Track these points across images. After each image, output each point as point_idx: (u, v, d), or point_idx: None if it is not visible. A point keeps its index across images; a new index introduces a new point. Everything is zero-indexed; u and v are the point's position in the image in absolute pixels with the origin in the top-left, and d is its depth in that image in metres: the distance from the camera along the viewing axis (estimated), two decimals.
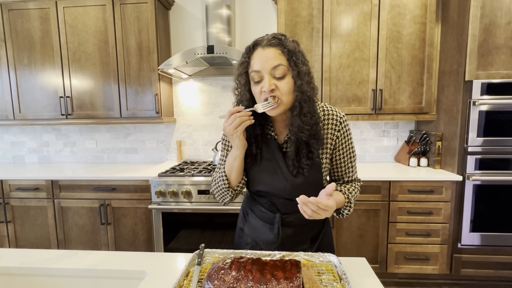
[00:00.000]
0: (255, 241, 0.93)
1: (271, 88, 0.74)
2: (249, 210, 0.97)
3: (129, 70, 2.16)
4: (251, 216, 0.96)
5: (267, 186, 0.86)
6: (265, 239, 0.90)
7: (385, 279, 2.01)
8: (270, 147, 0.86)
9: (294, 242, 0.89)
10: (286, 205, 0.86)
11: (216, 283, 0.62)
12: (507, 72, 1.76)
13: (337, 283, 0.68)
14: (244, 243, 0.97)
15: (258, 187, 0.89)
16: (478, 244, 1.87)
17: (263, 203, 0.91)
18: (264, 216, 0.91)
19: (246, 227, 0.98)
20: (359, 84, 2.07)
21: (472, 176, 1.83)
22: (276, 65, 0.73)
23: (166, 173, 1.97)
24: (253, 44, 0.77)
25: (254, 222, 0.94)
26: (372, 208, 1.91)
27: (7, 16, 2.18)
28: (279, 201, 0.87)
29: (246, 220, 0.98)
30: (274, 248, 0.89)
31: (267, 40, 0.76)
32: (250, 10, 2.38)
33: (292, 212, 0.86)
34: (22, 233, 2.11)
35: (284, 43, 0.75)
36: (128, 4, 2.09)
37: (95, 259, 0.85)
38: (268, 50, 0.74)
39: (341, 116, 0.86)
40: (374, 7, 1.99)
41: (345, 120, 0.86)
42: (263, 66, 0.74)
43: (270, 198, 0.88)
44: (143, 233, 2.03)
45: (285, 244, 0.88)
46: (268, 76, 0.74)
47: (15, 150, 2.69)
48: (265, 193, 0.88)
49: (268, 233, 0.90)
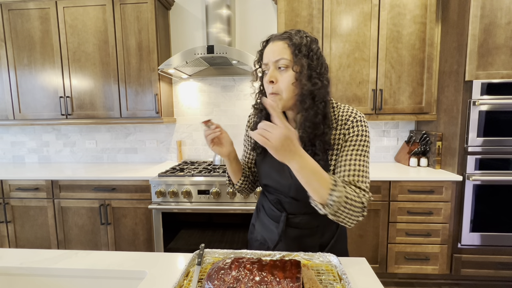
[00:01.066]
0: (264, 238, 0.94)
1: (270, 79, 0.74)
2: (261, 207, 0.99)
3: (129, 70, 2.16)
4: (262, 212, 0.97)
5: (274, 181, 0.87)
6: (272, 238, 0.91)
7: (385, 279, 2.01)
8: None
9: (300, 246, 0.86)
10: (293, 205, 0.86)
11: (216, 283, 0.62)
12: (507, 72, 1.76)
13: (337, 283, 0.68)
14: (254, 239, 0.98)
15: (266, 181, 0.89)
16: (478, 244, 1.87)
17: (272, 200, 0.92)
18: (272, 214, 0.92)
19: (257, 223, 0.99)
20: (359, 84, 2.07)
21: (472, 176, 1.83)
22: (278, 58, 0.73)
23: (166, 173, 1.97)
24: (267, 38, 0.79)
25: (264, 219, 0.95)
26: (372, 208, 1.91)
27: (7, 16, 2.18)
28: (285, 199, 0.87)
29: (258, 216, 1.00)
30: (277, 248, 0.88)
31: (279, 34, 0.77)
32: (250, 10, 2.38)
33: (299, 213, 0.86)
34: (22, 233, 2.11)
35: (292, 37, 0.74)
36: (128, 4, 2.09)
37: (95, 259, 0.85)
38: (277, 43, 0.75)
39: (354, 115, 0.78)
40: (374, 7, 1.99)
41: (358, 120, 0.77)
42: (269, 59, 0.75)
43: (277, 195, 0.89)
44: (143, 233, 2.03)
45: (290, 247, 0.87)
46: (273, 67, 0.75)
47: (15, 150, 2.69)
48: (273, 190, 0.89)
49: (274, 231, 0.90)
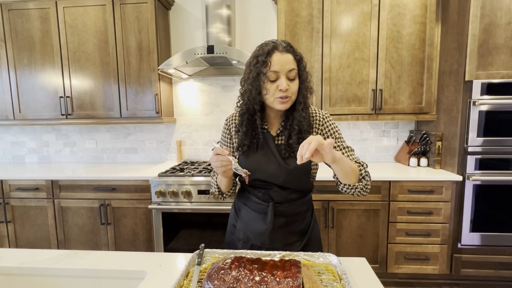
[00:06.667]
0: (247, 236, 0.99)
1: (286, 88, 0.85)
2: (241, 205, 1.03)
3: (129, 70, 2.16)
4: (244, 210, 1.02)
5: (262, 173, 0.93)
6: (257, 231, 0.96)
7: (385, 279, 2.01)
8: (265, 138, 0.95)
9: (285, 233, 0.96)
10: (279, 194, 0.94)
11: (216, 283, 0.62)
12: (507, 72, 1.76)
13: (337, 283, 0.68)
14: (236, 240, 1.02)
15: (256, 175, 0.93)
16: (478, 244, 1.87)
17: (256, 194, 0.97)
18: (258, 207, 0.97)
19: (238, 222, 1.03)
20: (359, 84, 2.07)
21: (472, 176, 1.83)
22: (291, 69, 0.86)
23: (166, 173, 1.97)
24: (272, 47, 0.87)
25: (247, 215, 1.00)
26: (372, 208, 1.91)
27: (7, 16, 2.18)
28: (273, 189, 0.94)
29: (238, 215, 1.04)
30: (266, 237, 0.94)
31: (282, 46, 0.87)
32: (250, 10, 2.38)
33: (284, 201, 0.94)
34: (22, 233, 2.11)
35: (296, 52, 0.89)
36: (128, 4, 2.09)
37: (95, 259, 0.85)
38: (286, 55, 0.86)
39: (323, 114, 0.99)
40: (374, 7, 1.99)
41: (328, 117, 0.99)
42: (282, 68, 0.85)
43: (264, 187, 0.95)
44: (143, 233, 2.03)
45: (277, 234, 0.94)
46: (284, 77, 0.86)
47: (15, 150, 2.69)
48: (261, 183, 0.95)
49: (260, 223, 0.95)
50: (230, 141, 1.03)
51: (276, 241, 0.94)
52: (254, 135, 0.95)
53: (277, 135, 0.96)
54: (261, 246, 0.95)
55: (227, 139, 1.04)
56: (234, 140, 1.01)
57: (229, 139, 1.03)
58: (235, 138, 1.00)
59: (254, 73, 0.88)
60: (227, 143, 1.04)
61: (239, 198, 1.06)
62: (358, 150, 2.45)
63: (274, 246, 0.93)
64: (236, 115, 1.01)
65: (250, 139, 0.94)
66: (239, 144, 0.96)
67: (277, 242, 0.94)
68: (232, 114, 1.04)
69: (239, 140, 0.96)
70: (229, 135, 1.03)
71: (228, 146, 1.04)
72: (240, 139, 0.95)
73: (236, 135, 1.00)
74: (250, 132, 0.94)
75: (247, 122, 0.93)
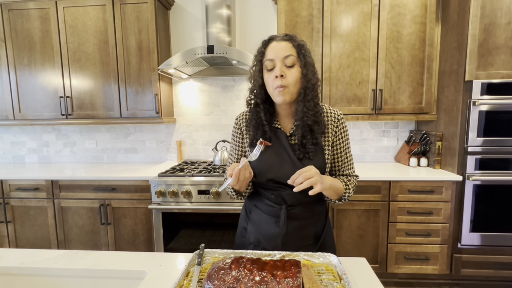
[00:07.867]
0: (257, 239, 0.95)
1: (281, 73, 0.83)
2: (253, 207, 0.99)
3: (129, 70, 2.16)
4: (255, 212, 0.98)
5: (275, 172, 0.89)
6: (270, 234, 0.92)
7: (385, 279, 2.01)
8: (278, 136, 0.93)
9: (299, 237, 0.92)
10: (293, 196, 0.89)
11: (216, 283, 0.62)
12: (507, 72, 1.76)
13: (337, 283, 0.68)
14: (247, 242, 0.98)
15: (268, 176, 0.91)
16: (478, 244, 1.87)
17: (269, 196, 0.93)
18: (270, 210, 0.93)
19: (249, 225, 0.99)
20: (359, 84, 2.07)
21: (472, 176, 1.83)
22: (287, 55, 0.84)
23: (166, 173, 1.97)
24: (269, 38, 0.90)
25: (258, 218, 0.96)
26: (372, 208, 1.91)
27: (7, 16, 2.18)
28: (286, 192, 0.90)
29: (249, 218, 1.01)
30: (279, 241, 0.89)
31: (280, 36, 0.88)
32: (250, 10, 2.38)
33: (298, 204, 0.91)
34: (22, 233, 2.11)
35: (295, 39, 0.88)
36: (128, 4, 2.09)
37: (95, 259, 0.85)
38: (282, 43, 0.86)
39: (339, 114, 0.96)
40: (374, 7, 1.99)
41: (342, 118, 0.96)
42: (276, 55, 0.84)
43: (277, 189, 0.91)
44: (143, 233, 2.03)
45: (290, 238, 0.90)
46: (280, 63, 0.84)
47: (15, 150, 2.69)
48: (274, 184, 0.91)
49: (273, 226, 0.92)
50: (242, 140, 1.00)
51: (289, 245, 0.89)
52: (265, 131, 0.92)
53: (291, 135, 0.93)
54: (273, 250, 0.89)
55: (239, 139, 1.01)
56: (246, 137, 0.98)
57: (241, 138, 1.01)
58: (247, 135, 0.98)
59: (256, 66, 0.89)
60: (239, 142, 1.01)
61: (250, 199, 1.03)
62: (358, 150, 2.45)
63: (287, 250, 0.88)
64: (246, 112, 1.00)
65: (262, 134, 0.92)
66: (251, 140, 0.94)
67: (290, 246, 0.89)
68: (242, 113, 1.02)
69: (251, 136, 0.94)
70: (241, 134, 1.00)
71: (240, 145, 1.01)
72: (252, 134, 0.94)
73: (247, 133, 0.98)
74: (260, 127, 0.93)
75: (256, 115, 0.92)
